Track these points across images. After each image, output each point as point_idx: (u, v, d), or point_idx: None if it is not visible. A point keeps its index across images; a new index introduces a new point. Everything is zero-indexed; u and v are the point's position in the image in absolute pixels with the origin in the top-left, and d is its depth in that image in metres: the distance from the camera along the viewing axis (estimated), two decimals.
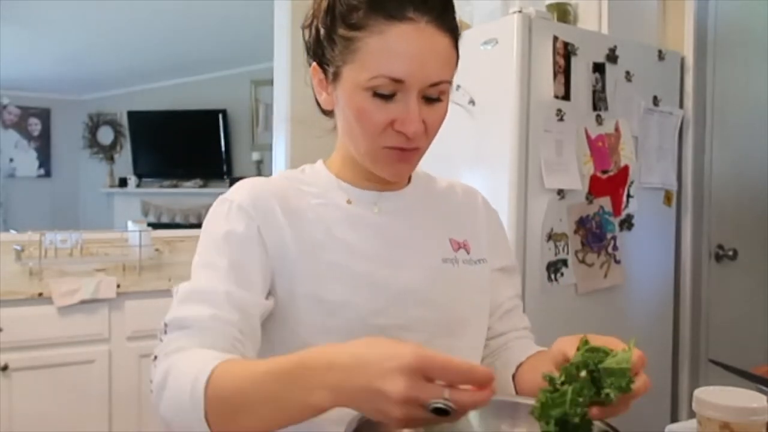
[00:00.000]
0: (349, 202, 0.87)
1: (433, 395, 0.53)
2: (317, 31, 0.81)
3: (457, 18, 0.81)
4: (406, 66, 0.74)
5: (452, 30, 0.79)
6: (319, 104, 0.88)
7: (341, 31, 0.78)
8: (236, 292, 0.76)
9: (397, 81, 0.75)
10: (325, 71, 0.82)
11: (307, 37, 0.85)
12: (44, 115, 6.15)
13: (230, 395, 0.63)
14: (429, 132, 0.80)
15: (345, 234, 0.84)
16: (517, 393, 0.87)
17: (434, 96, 0.78)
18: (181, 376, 0.67)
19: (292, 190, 0.86)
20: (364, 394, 0.55)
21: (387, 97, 0.76)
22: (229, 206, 0.83)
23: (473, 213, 0.97)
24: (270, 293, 0.81)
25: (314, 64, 0.84)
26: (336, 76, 0.80)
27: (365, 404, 0.56)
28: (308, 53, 0.85)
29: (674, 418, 2.20)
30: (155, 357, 0.73)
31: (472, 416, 0.73)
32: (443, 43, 0.77)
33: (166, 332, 0.74)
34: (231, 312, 0.75)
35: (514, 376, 0.88)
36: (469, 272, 0.90)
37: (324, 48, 0.81)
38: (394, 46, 0.75)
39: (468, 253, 0.91)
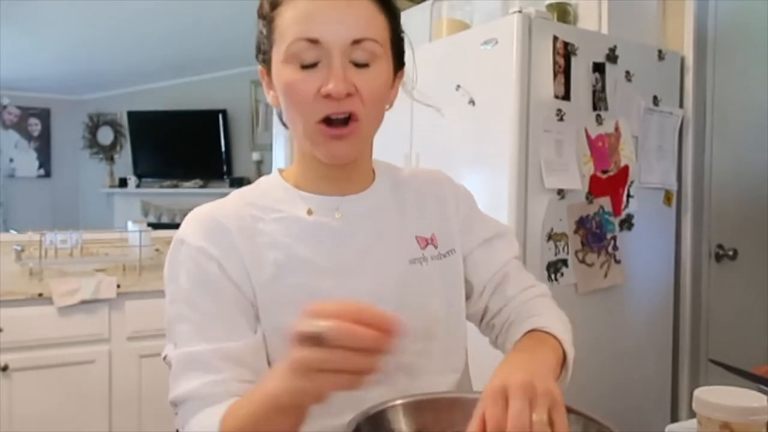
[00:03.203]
0: (310, 212, 0.83)
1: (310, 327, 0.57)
2: (259, 30, 0.82)
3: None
4: (318, 24, 0.74)
5: None
6: (280, 118, 0.86)
7: (266, 13, 0.79)
8: (222, 346, 0.75)
9: (313, 41, 0.73)
10: (267, 69, 0.81)
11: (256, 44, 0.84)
12: (44, 115, 6.15)
13: (236, 429, 0.68)
14: (365, 100, 0.76)
15: (306, 250, 0.81)
16: None
17: (362, 59, 0.76)
18: None
19: (248, 211, 0.82)
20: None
21: (311, 66, 0.75)
22: (187, 250, 0.79)
23: (439, 200, 0.93)
24: (257, 323, 0.80)
25: (260, 67, 0.83)
26: (268, 64, 0.80)
27: (281, 369, 0.61)
28: (256, 59, 0.84)
29: (674, 418, 2.20)
30: (177, 431, 0.78)
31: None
32: (359, 4, 0.76)
33: (174, 411, 0.78)
34: (225, 368, 0.74)
35: None
36: (439, 268, 0.88)
37: (261, 43, 0.81)
38: (304, 10, 0.74)
39: (436, 247, 0.89)
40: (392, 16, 0.81)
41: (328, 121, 0.76)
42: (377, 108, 0.79)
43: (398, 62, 0.84)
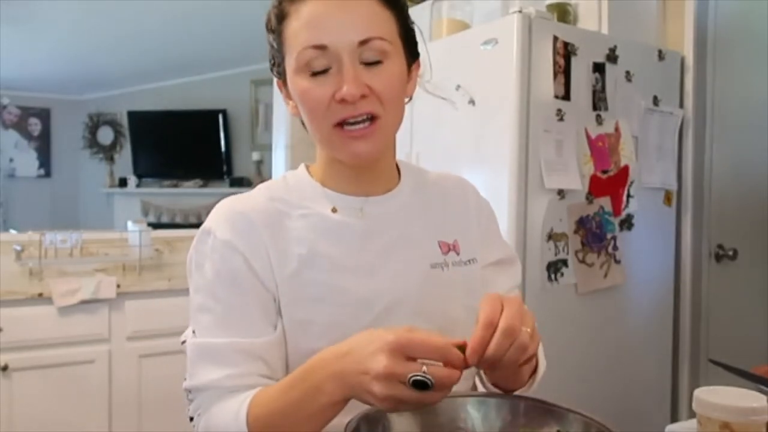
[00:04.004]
0: (334, 210, 0.84)
1: (412, 370, 0.59)
2: (269, 44, 0.83)
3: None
4: (323, 30, 0.74)
5: None
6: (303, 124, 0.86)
7: (275, 28, 0.80)
8: (242, 341, 0.77)
9: (321, 48, 0.74)
10: (283, 81, 0.83)
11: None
12: (44, 115, 6.15)
13: (266, 417, 0.71)
14: (382, 98, 0.76)
15: (330, 248, 0.81)
16: (488, 381, 0.87)
17: (372, 59, 0.76)
18: (221, 421, 0.74)
19: (274, 206, 0.83)
20: (355, 375, 0.63)
21: (322, 72, 0.75)
22: (213, 242, 0.80)
23: (464, 209, 0.93)
24: (278, 318, 0.81)
25: (276, 79, 0.85)
26: (283, 76, 0.81)
27: (357, 386, 0.63)
28: (272, 72, 0.86)
29: (674, 418, 2.20)
30: (191, 418, 0.80)
31: (473, 414, 0.73)
32: (361, 4, 0.76)
33: (189, 397, 0.79)
34: (243, 363, 0.76)
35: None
36: (459, 274, 0.88)
37: (274, 57, 0.83)
38: (309, 18, 0.75)
39: (458, 254, 0.89)
40: (398, 10, 0.80)
41: (344, 123, 0.76)
42: (396, 104, 0.79)
43: (411, 54, 0.84)
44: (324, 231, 0.82)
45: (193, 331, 0.80)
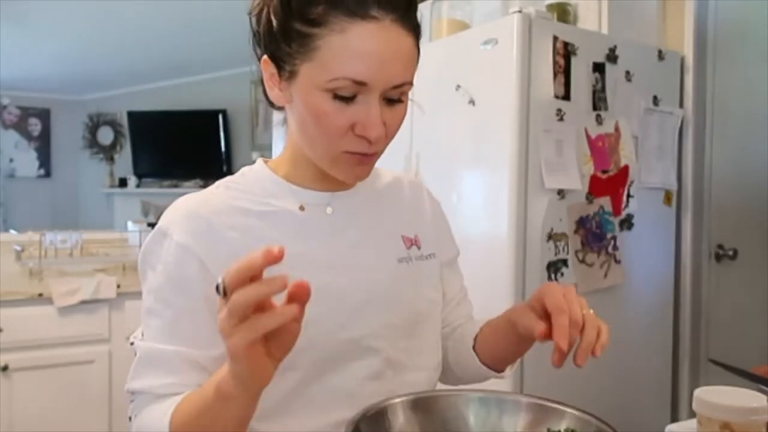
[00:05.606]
0: (302, 208, 0.82)
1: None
2: (269, 21, 0.75)
3: (418, 16, 0.78)
4: (370, 68, 0.70)
5: (415, 28, 0.76)
6: (266, 96, 0.82)
7: (297, 26, 0.71)
8: (188, 351, 0.75)
9: (360, 83, 0.71)
10: (278, 66, 0.76)
11: (255, 25, 0.78)
12: (44, 115, 6.16)
13: (186, 417, 0.69)
14: (389, 134, 0.77)
15: (298, 245, 0.79)
16: (480, 362, 0.90)
17: (395, 97, 0.75)
18: (149, 422, 0.74)
19: (236, 204, 0.81)
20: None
21: (347, 99, 0.72)
22: (168, 244, 0.77)
23: (420, 207, 0.95)
24: None
25: (265, 57, 0.78)
26: (292, 74, 0.74)
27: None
28: (257, 44, 0.79)
29: (674, 418, 2.20)
30: (130, 417, 0.80)
31: (473, 414, 0.73)
32: (407, 43, 0.74)
33: (131, 398, 0.79)
34: (186, 372, 0.75)
35: (474, 348, 0.91)
36: (422, 268, 0.90)
37: (278, 42, 0.74)
38: (357, 47, 0.70)
39: (419, 248, 0.91)
40: (419, 50, 0.79)
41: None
42: (396, 135, 0.80)
43: None
44: (292, 229, 0.81)
45: (142, 333, 0.79)
